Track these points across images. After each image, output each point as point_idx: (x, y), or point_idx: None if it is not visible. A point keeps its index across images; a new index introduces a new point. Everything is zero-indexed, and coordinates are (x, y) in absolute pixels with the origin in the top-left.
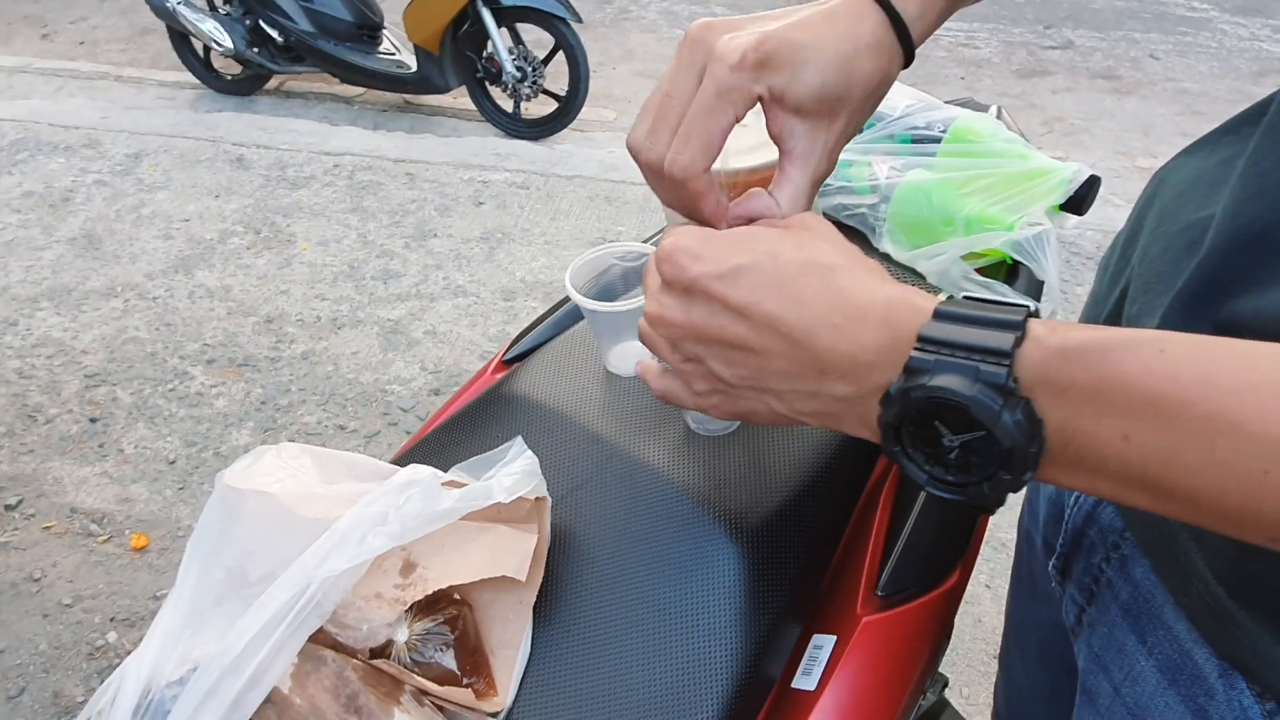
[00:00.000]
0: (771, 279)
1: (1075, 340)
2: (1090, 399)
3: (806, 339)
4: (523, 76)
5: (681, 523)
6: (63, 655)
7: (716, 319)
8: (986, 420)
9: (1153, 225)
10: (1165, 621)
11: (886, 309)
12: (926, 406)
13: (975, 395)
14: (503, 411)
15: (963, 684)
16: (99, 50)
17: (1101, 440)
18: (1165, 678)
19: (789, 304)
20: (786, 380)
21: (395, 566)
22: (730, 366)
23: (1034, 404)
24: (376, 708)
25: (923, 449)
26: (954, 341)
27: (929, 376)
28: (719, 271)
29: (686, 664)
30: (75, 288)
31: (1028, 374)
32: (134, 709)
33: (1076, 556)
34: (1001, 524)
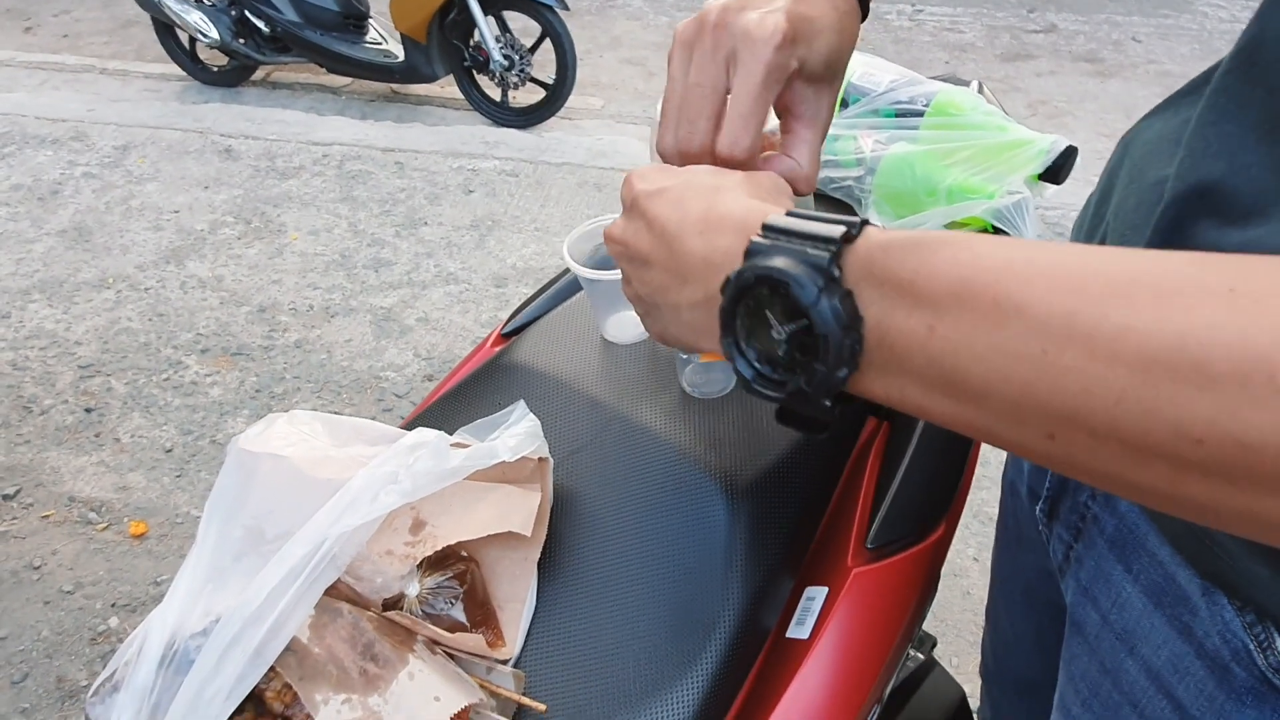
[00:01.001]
0: (678, 196)
1: (899, 237)
2: (904, 291)
3: (677, 243)
4: (510, 65)
5: (679, 482)
6: (65, 641)
7: (638, 235)
8: (805, 301)
9: (1124, 183)
10: (1149, 549)
11: (745, 216)
12: (754, 285)
13: (797, 275)
14: (504, 380)
15: (952, 654)
16: (82, 43)
17: (909, 334)
18: (1151, 601)
19: (684, 219)
20: (663, 293)
21: (405, 525)
22: (641, 283)
23: (855, 297)
24: (391, 655)
25: (755, 346)
26: (789, 229)
27: (760, 257)
28: (648, 190)
29: (685, 615)
30: (67, 280)
31: (853, 268)
32: (160, 659)
33: (1064, 497)
34: (990, 499)
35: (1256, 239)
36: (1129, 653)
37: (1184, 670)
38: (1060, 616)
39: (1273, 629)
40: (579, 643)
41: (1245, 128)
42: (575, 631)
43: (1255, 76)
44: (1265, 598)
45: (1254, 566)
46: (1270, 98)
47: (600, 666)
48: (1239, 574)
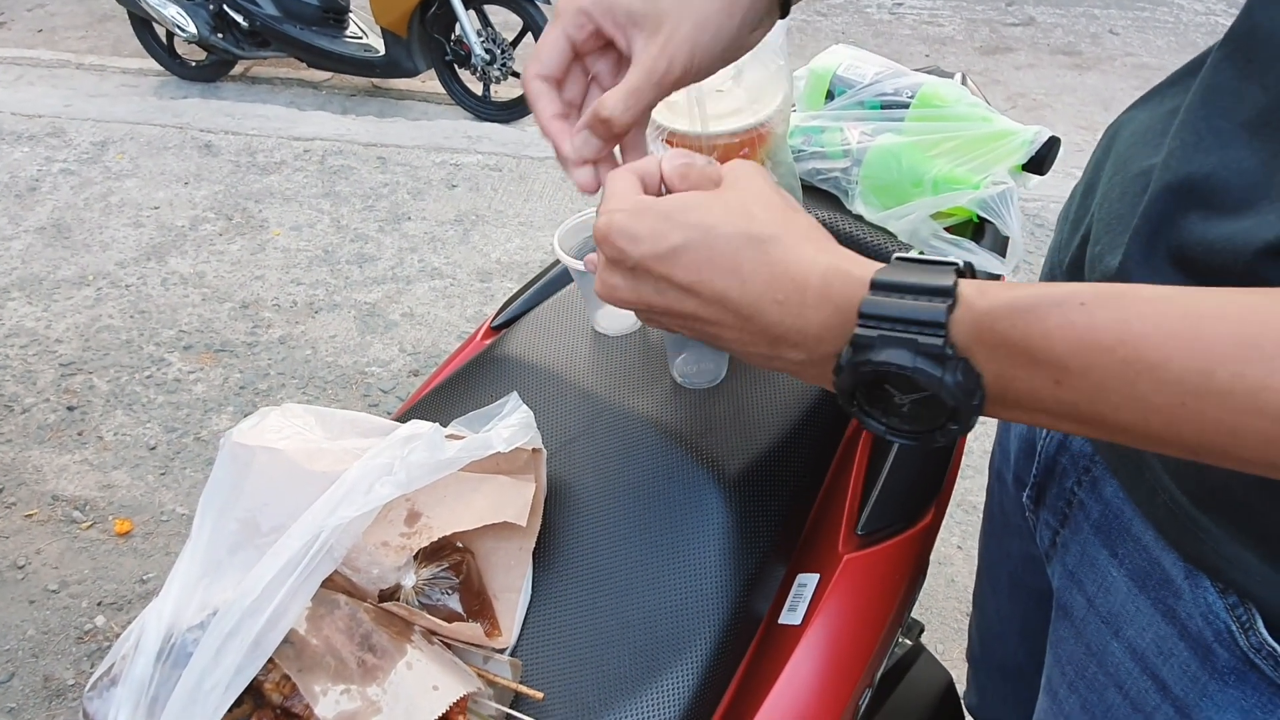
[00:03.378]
0: (708, 256)
1: (1003, 301)
2: (1020, 353)
3: (754, 314)
4: (492, 59)
5: (671, 472)
6: (51, 640)
7: (665, 295)
8: (930, 386)
9: (1109, 174)
10: (1134, 534)
11: (824, 282)
12: (875, 377)
13: (917, 365)
14: (496, 372)
15: (937, 640)
16: (58, 38)
17: (1036, 385)
18: (1135, 584)
19: (731, 282)
20: (743, 345)
21: (400, 516)
22: (693, 332)
23: (971, 361)
24: (389, 645)
25: (879, 405)
26: (891, 315)
27: (874, 352)
28: (658, 252)
29: (679, 603)
30: (46, 277)
31: (962, 337)
32: (157, 652)
33: (1050, 484)
34: (974, 488)
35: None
36: (1114, 635)
37: (1168, 652)
38: (1045, 602)
39: (1255, 611)
40: (574, 631)
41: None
42: (571, 620)
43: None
44: (1248, 580)
45: (1239, 551)
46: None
47: (595, 654)
48: (1223, 558)
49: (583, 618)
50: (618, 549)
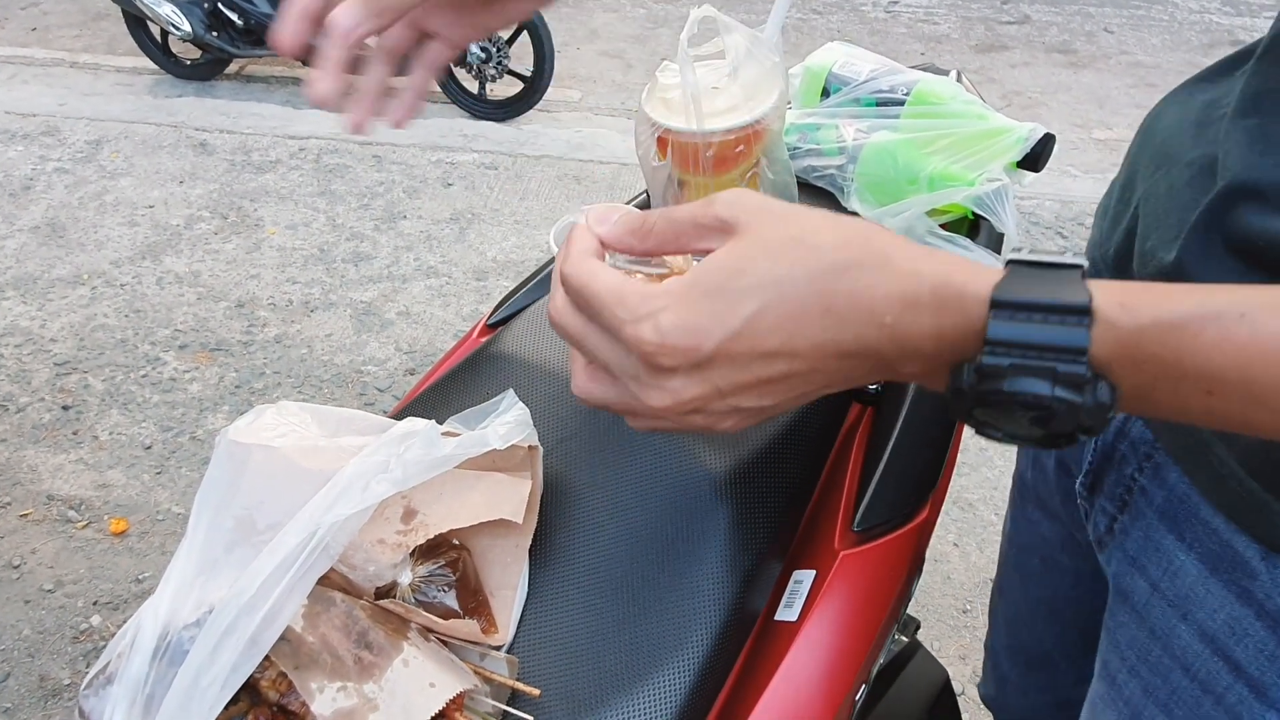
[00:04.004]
0: (790, 310)
1: (1150, 318)
2: (1170, 369)
3: (860, 347)
4: (487, 57)
5: (667, 468)
6: (47, 640)
7: (748, 371)
8: (1067, 413)
9: (1151, 169)
10: (1202, 518)
11: (935, 297)
12: (1006, 406)
13: (1056, 395)
14: (492, 370)
15: (933, 637)
16: (52, 36)
17: (1183, 396)
18: (1206, 567)
19: (827, 326)
20: (844, 375)
21: (396, 514)
22: (773, 395)
23: (1110, 377)
24: (385, 643)
25: (998, 420)
26: (1025, 342)
27: (1006, 382)
28: (735, 330)
29: (676, 600)
30: (40, 276)
31: (1103, 356)
32: (153, 650)
33: (1108, 470)
34: (970, 485)
35: None
36: (1182, 618)
37: (1242, 632)
38: (1081, 584)
39: None
40: (571, 628)
41: None
42: (567, 617)
43: None
44: None
45: None
46: None
47: (592, 651)
48: None
49: (579, 614)
50: (614, 546)
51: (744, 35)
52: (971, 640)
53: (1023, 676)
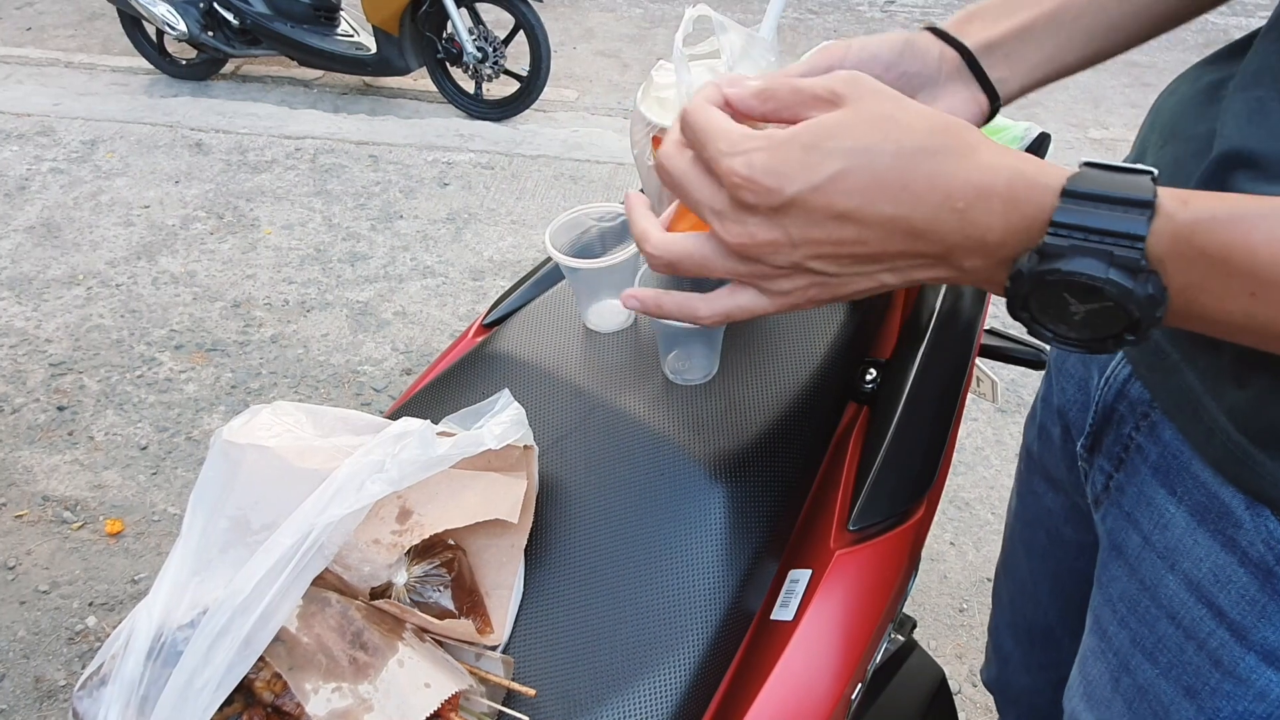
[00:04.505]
0: (872, 178)
1: (1206, 212)
2: (1218, 265)
3: (929, 228)
4: (484, 57)
5: (663, 468)
6: (42, 641)
7: (821, 228)
8: (1118, 298)
9: (1159, 144)
10: (1193, 472)
11: (1009, 188)
12: (1059, 287)
13: (1110, 277)
14: (487, 369)
15: (930, 636)
16: (47, 36)
17: (1227, 298)
18: (1195, 519)
19: (902, 201)
20: (906, 261)
21: (392, 514)
22: (838, 261)
23: (1162, 274)
24: (381, 643)
25: (1049, 313)
26: (1087, 225)
27: (1064, 261)
28: (814, 184)
29: (672, 600)
30: (36, 276)
31: (1159, 249)
32: (147, 651)
33: (1107, 430)
34: (966, 484)
35: None
36: (1169, 569)
37: (1226, 579)
38: (1084, 555)
39: None
40: (567, 628)
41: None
42: (563, 617)
43: None
44: None
45: None
46: None
47: (588, 651)
48: None
49: (575, 614)
50: (610, 545)
51: (739, 35)
52: (968, 639)
53: (1026, 654)
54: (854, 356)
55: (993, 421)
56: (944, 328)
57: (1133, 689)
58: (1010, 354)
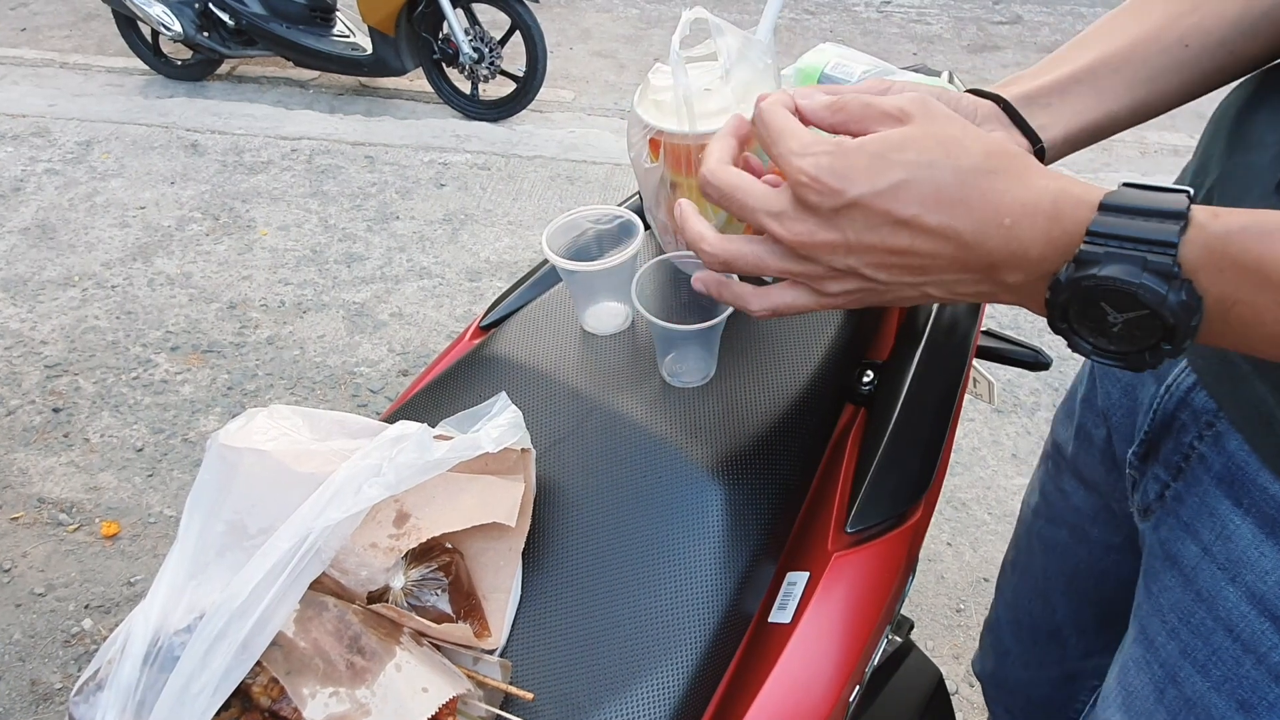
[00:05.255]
0: (934, 190)
1: (1238, 224)
2: (1251, 275)
3: (976, 241)
4: (480, 57)
5: (660, 471)
6: (38, 643)
7: (877, 233)
8: (1152, 303)
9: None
10: (1260, 484)
11: (1054, 206)
12: (1095, 293)
13: (1143, 282)
14: (484, 372)
15: (927, 637)
16: (41, 37)
17: (1260, 308)
18: (1263, 531)
19: (956, 213)
20: (952, 273)
21: (389, 518)
22: (888, 269)
23: (1196, 284)
24: (378, 647)
25: (1087, 324)
26: (1122, 234)
27: (1099, 267)
28: (877, 189)
29: (669, 603)
30: (31, 278)
31: (1191, 258)
32: (144, 656)
33: (1165, 439)
34: (963, 485)
35: None
36: (1230, 580)
37: None
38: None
39: None
40: (564, 631)
41: None
42: (560, 620)
43: None
44: None
45: None
46: None
47: (586, 654)
48: None
49: (572, 618)
50: (607, 548)
51: (736, 36)
52: (965, 640)
53: (1027, 650)
54: (851, 358)
55: (989, 422)
56: (941, 329)
57: (1179, 701)
58: (1007, 355)
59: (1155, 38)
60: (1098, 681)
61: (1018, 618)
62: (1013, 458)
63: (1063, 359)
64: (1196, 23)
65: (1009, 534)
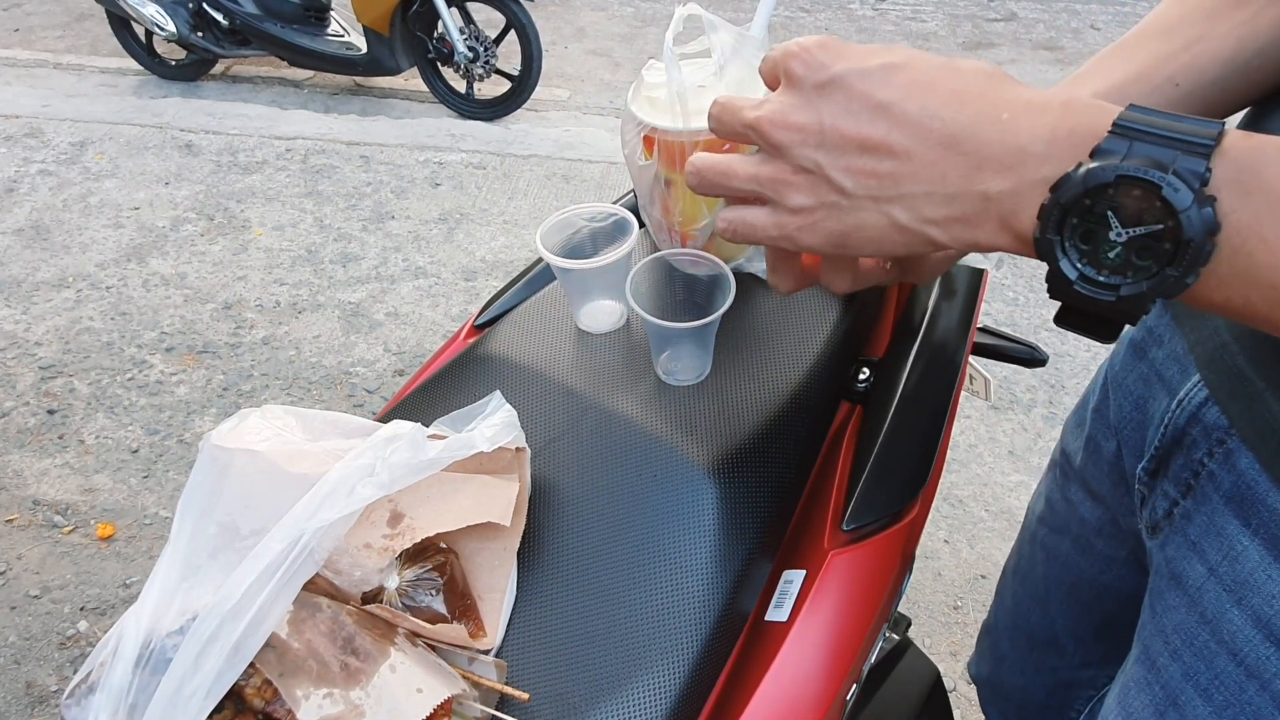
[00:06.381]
0: (926, 80)
1: (1272, 146)
2: (1275, 200)
3: (967, 134)
4: (475, 56)
5: (656, 470)
6: (33, 646)
7: (853, 118)
8: (1178, 206)
9: None
10: (1270, 504)
11: (1064, 106)
12: (1109, 193)
13: (1173, 180)
14: (479, 371)
15: (925, 634)
16: (35, 37)
17: (1275, 244)
18: (1271, 552)
19: (946, 102)
20: (925, 184)
21: (383, 518)
22: (855, 174)
23: (1219, 205)
24: (372, 648)
25: (1083, 240)
26: (1153, 130)
27: (1121, 157)
28: (864, 68)
29: (665, 601)
30: (25, 279)
31: (1220, 171)
32: (136, 658)
33: (1176, 454)
34: (959, 482)
35: None
36: (1236, 603)
37: None
38: (1111, 570)
39: None
40: (560, 631)
41: None
42: (556, 620)
43: None
44: None
45: None
46: None
47: (581, 654)
48: None
49: (568, 617)
50: (602, 547)
51: (730, 33)
52: (963, 637)
53: (1024, 656)
54: (847, 356)
55: (986, 419)
56: (937, 326)
57: None
58: (1003, 352)
59: (1145, 77)
60: (1093, 691)
61: (1016, 623)
62: (1010, 454)
63: (1059, 356)
64: (1188, 62)
65: (1006, 531)
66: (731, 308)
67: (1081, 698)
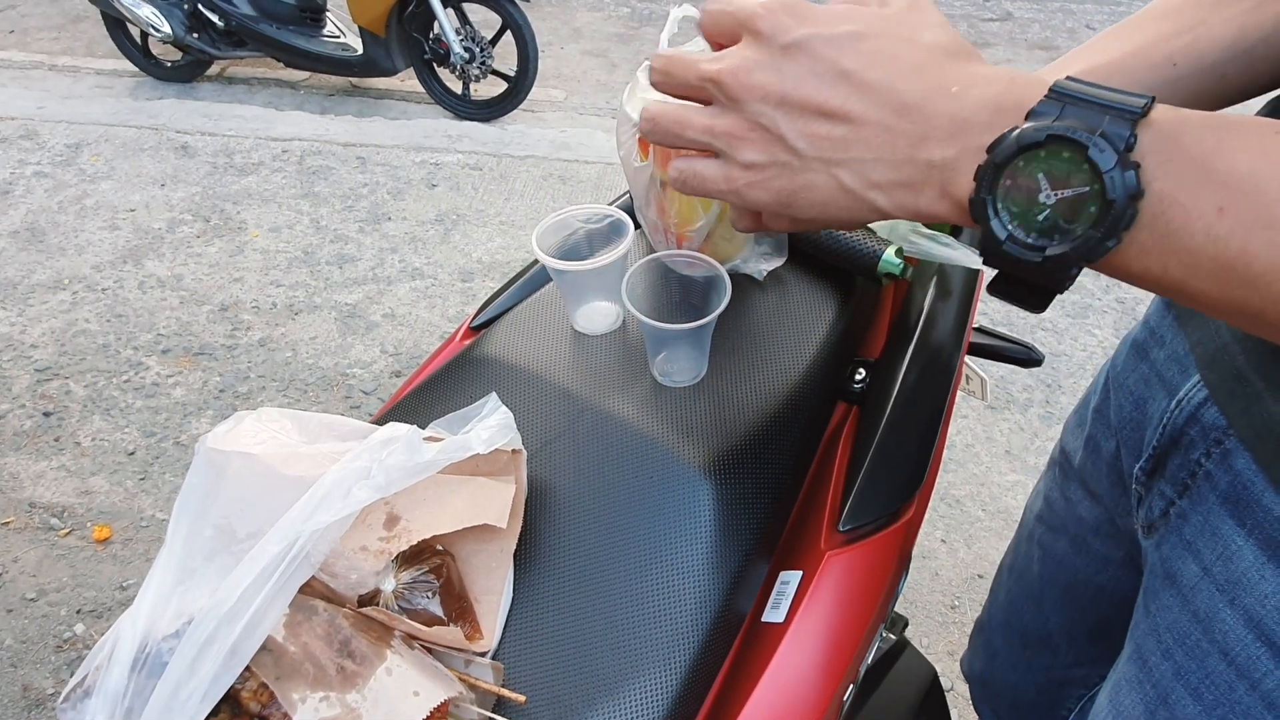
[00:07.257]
0: (888, 51)
1: (1193, 116)
2: (1195, 170)
3: (918, 105)
4: (471, 57)
5: (653, 471)
6: (30, 649)
7: (816, 82)
8: (1103, 166)
9: None
10: (1266, 505)
11: (1009, 79)
12: (1041, 144)
13: (1096, 141)
14: (475, 373)
15: (922, 634)
16: (30, 39)
17: (1194, 212)
18: (1265, 553)
19: (904, 74)
20: (875, 149)
21: (379, 520)
22: (809, 137)
23: (1142, 171)
24: (369, 651)
25: (1015, 201)
26: (1085, 96)
27: (1053, 119)
28: (831, 34)
29: (662, 603)
30: (20, 281)
31: (1145, 139)
32: (132, 662)
33: (1173, 454)
34: (956, 481)
35: None
36: (1229, 603)
37: None
38: (1107, 570)
39: None
40: (556, 633)
41: None
42: (553, 622)
43: None
44: None
45: None
46: None
47: (578, 656)
48: None
49: (565, 619)
50: (599, 549)
51: None
52: (960, 637)
53: (1017, 654)
54: (843, 356)
55: (982, 418)
56: (933, 326)
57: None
58: (999, 351)
59: (1144, 54)
60: (1084, 690)
61: (1009, 621)
62: (1006, 454)
63: (1055, 355)
64: (1189, 43)
65: (1003, 530)
66: (727, 309)
67: (1073, 696)
